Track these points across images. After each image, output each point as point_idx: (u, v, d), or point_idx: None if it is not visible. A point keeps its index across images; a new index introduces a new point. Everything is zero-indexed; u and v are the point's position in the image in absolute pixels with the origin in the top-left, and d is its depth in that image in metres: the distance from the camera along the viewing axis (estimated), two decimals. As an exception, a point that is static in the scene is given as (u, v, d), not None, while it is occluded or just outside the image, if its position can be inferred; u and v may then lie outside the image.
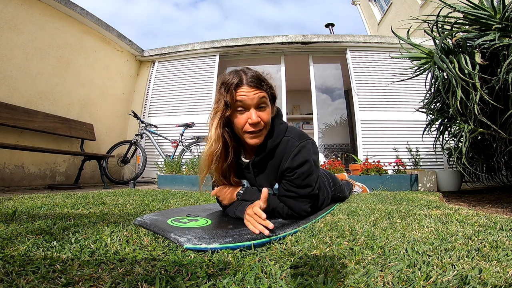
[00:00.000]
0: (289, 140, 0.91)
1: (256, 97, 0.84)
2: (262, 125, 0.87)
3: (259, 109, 0.86)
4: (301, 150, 0.88)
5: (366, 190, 2.45)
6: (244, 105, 0.85)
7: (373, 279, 0.48)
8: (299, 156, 0.88)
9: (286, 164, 0.89)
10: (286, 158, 0.89)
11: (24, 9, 2.93)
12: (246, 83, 0.84)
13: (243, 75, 0.85)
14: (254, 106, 0.85)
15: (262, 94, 0.86)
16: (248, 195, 0.96)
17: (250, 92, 0.84)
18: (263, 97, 0.86)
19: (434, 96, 2.17)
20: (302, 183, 0.89)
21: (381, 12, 8.60)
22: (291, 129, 0.96)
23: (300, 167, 0.88)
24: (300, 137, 0.92)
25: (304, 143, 0.90)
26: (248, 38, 4.34)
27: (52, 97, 3.23)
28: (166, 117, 4.41)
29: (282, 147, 0.91)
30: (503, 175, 2.36)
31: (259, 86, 0.86)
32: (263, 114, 0.87)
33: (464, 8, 1.78)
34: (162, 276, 0.47)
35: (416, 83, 3.47)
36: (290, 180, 0.90)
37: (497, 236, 0.78)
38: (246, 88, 0.84)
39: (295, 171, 0.88)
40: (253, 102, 0.84)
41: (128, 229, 0.81)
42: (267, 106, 0.88)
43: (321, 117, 5.76)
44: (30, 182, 2.96)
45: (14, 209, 1.09)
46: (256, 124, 0.85)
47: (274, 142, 0.91)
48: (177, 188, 2.83)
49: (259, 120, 0.85)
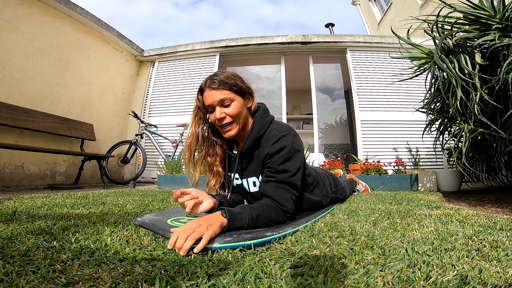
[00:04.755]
0: (272, 130, 0.98)
1: (216, 97, 0.94)
2: (229, 119, 0.96)
3: (224, 106, 0.95)
4: (280, 138, 0.94)
5: (367, 190, 2.45)
6: (210, 106, 0.96)
7: (373, 279, 0.48)
8: (278, 143, 0.93)
9: (266, 151, 0.95)
10: (267, 146, 0.95)
11: (24, 9, 2.93)
12: (207, 87, 0.95)
13: (207, 81, 0.96)
14: (217, 105, 0.95)
15: (223, 92, 0.94)
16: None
17: (211, 94, 0.94)
18: (223, 96, 0.94)
19: (434, 96, 2.17)
20: (279, 168, 0.92)
21: (381, 12, 8.60)
22: (276, 122, 1.03)
23: (278, 152, 0.92)
24: (282, 128, 0.98)
25: (285, 133, 0.95)
26: (248, 38, 4.34)
27: (52, 97, 3.23)
28: (166, 117, 4.41)
29: (266, 137, 0.98)
30: (503, 175, 2.36)
31: (219, 86, 0.94)
32: (228, 110, 0.95)
33: (464, 8, 1.78)
34: (162, 276, 0.47)
35: (416, 83, 3.47)
36: (268, 166, 0.94)
37: (497, 236, 0.78)
38: (208, 91, 0.95)
39: (274, 156, 0.93)
40: (215, 102, 0.94)
41: (128, 229, 0.81)
42: (232, 101, 0.96)
43: (321, 117, 5.77)
44: (30, 182, 2.96)
45: (14, 209, 1.09)
46: (221, 119, 0.95)
47: (259, 133, 0.98)
48: (177, 188, 2.83)
49: (223, 116, 0.95)
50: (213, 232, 0.68)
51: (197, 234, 0.65)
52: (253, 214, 0.80)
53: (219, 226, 0.71)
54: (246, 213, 0.79)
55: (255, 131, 0.98)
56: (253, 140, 0.97)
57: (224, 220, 0.74)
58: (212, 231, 0.68)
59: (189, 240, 0.64)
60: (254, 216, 0.80)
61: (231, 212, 0.77)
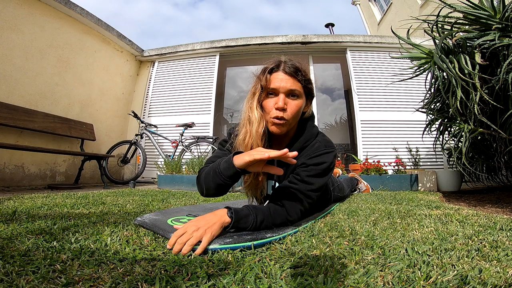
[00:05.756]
0: (316, 143, 0.92)
1: (288, 84, 0.85)
2: (287, 115, 0.86)
3: (289, 97, 0.87)
4: (323, 154, 0.89)
5: (368, 190, 2.45)
6: (275, 90, 0.86)
7: (373, 279, 0.47)
8: (320, 158, 0.88)
9: (301, 160, 0.89)
10: (305, 157, 0.90)
11: (24, 9, 2.93)
12: (282, 69, 0.86)
13: (282, 63, 0.87)
14: (284, 93, 0.86)
15: (296, 83, 0.86)
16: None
17: (283, 78, 0.85)
18: (295, 86, 0.86)
19: (434, 96, 2.17)
20: (306, 179, 0.87)
21: (381, 12, 8.61)
22: (321, 134, 0.98)
23: (316, 165, 0.88)
24: (327, 144, 0.93)
25: (330, 150, 0.91)
26: (248, 38, 4.34)
27: (52, 97, 3.23)
28: (166, 117, 4.41)
29: (308, 149, 0.92)
30: (503, 175, 2.36)
31: (294, 75, 0.86)
32: (291, 103, 0.87)
33: (464, 8, 1.78)
34: (162, 276, 0.47)
35: (416, 83, 3.47)
36: (297, 172, 0.89)
37: (497, 236, 0.78)
38: (281, 74, 0.86)
39: (309, 166, 0.88)
40: (284, 88, 0.85)
41: (128, 229, 0.81)
42: (298, 98, 0.88)
43: (321, 117, 5.77)
44: (30, 182, 2.96)
45: (14, 209, 1.09)
46: (281, 110, 0.85)
47: (305, 143, 0.93)
48: (177, 188, 2.83)
49: (285, 107, 0.85)
50: (211, 235, 0.66)
51: (194, 240, 0.64)
52: (259, 218, 0.77)
53: (219, 227, 0.70)
54: (252, 216, 0.76)
55: (302, 141, 0.92)
56: (296, 148, 0.91)
57: (227, 220, 0.72)
58: (211, 234, 0.66)
59: (187, 245, 0.63)
60: (259, 221, 0.77)
61: (238, 214, 0.74)
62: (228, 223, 0.72)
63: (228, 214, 0.73)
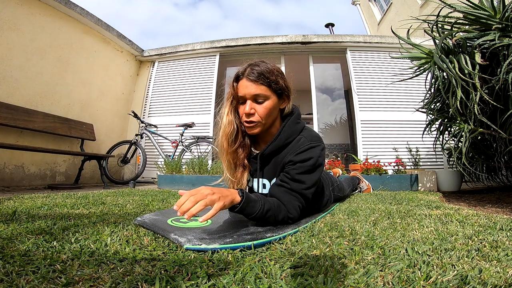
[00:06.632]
0: (301, 138, 0.93)
1: (252, 90, 0.87)
2: (257, 118, 0.89)
3: (256, 102, 0.89)
4: (308, 149, 0.89)
5: (369, 190, 2.45)
6: (242, 98, 0.90)
7: (373, 279, 0.47)
8: (305, 153, 0.88)
9: (289, 158, 0.90)
10: (291, 153, 0.90)
11: (24, 9, 2.93)
12: (245, 76, 0.88)
13: (247, 69, 0.89)
14: (250, 98, 0.88)
15: (259, 87, 0.87)
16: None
17: (247, 85, 0.88)
18: (260, 91, 0.88)
19: (434, 96, 2.17)
20: (296, 177, 0.88)
21: (381, 12, 8.60)
22: (307, 129, 0.98)
23: (302, 162, 0.88)
24: (312, 138, 0.93)
25: (315, 144, 0.91)
26: (248, 38, 4.34)
27: (52, 97, 3.23)
28: (166, 117, 4.41)
29: (293, 145, 0.93)
30: (503, 175, 2.36)
31: (257, 80, 0.87)
32: (258, 107, 0.89)
33: (464, 8, 1.78)
34: (162, 276, 0.47)
35: (416, 83, 3.47)
36: (287, 171, 0.90)
37: (497, 236, 0.78)
38: (245, 81, 0.88)
39: (296, 164, 0.88)
40: (249, 95, 0.88)
41: (128, 229, 0.81)
42: (266, 99, 0.89)
43: (321, 117, 5.76)
44: (30, 182, 2.96)
45: (14, 209, 1.08)
46: (249, 115, 0.89)
47: (286, 140, 0.93)
48: (177, 188, 2.83)
49: (252, 112, 0.89)
50: (223, 204, 0.65)
51: (208, 201, 0.62)
52: (266, 207, 0.78)
53: (230, 202, 0.69)
54: (260, 203, 0.77)
55: (282, 138, 0.93)
56: (277, 146, 0.93)
57: (238, 198, 0.72)
58: (223, 203, 0.65)
59: (199, 204, 0.61)
60: (265, 210, 0.78)
61: (248, 196, 0.74)
62: (238, 202, 0.72)
63: (239, 194, 0.73)
